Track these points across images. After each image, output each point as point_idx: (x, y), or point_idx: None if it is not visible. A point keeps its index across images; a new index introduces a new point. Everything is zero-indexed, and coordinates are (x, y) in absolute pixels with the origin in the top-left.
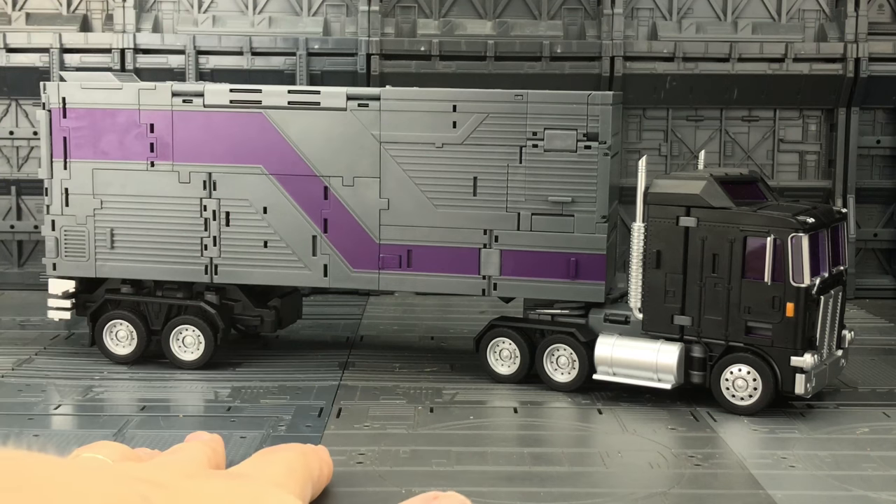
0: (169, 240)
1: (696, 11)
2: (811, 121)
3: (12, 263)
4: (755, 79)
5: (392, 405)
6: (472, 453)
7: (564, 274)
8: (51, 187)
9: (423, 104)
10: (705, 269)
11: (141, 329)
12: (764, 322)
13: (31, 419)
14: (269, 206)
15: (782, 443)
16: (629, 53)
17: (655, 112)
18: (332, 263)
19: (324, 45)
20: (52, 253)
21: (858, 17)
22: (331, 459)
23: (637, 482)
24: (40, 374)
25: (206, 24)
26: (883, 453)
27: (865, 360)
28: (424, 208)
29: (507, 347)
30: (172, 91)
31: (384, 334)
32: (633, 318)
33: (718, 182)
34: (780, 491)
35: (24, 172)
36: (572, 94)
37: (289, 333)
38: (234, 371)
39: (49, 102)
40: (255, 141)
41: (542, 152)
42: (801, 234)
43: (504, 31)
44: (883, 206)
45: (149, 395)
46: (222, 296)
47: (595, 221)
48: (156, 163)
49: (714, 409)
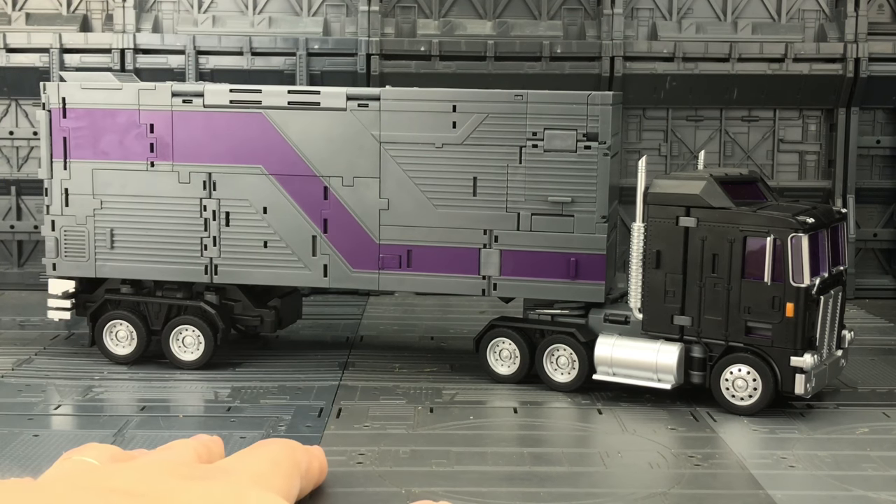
0: (169, 240)
1: (695, 11)
2: (811, 121)
3: (12, 263)
4: (755, 79)
5: (392, 405)
6: (472, 453)
7: (564, 274)
8: (50, 187)
9: (422, 104)
10: (705, 269)
11: (141, 329)
12: (764, 322)
13: (31, 419)
14: (268, 206)
15: (782, 443)
16: (629, 53)
17: (655, 112)
18: (332, 263)
19: (324, 46)
20: (51, 253)
21: (858, 17)
22: (325, 458)
23: (637, 482)
24: (40, 374)
25: (205, 24)
26: (883, 453)
27: (865, 360)
28: (424, 208)
29: (506, 347)
30: (172, 91)
31: (384, 334)
32: (632, 318)
33: (718, 182)
34: (780, 491)
35: (23, 172)
36: (572, 94)
37: (289, 333)
38: (234, 371)
39: (49, 102)
40: (255, 141)
41: (541, 152)
42: (800, 235)
43: (504, 31)
44: (883, 207)
45: (149, 396)
46: (222, 296)
47: (595, 221)
48: (156, 163)
49: (714, 410)
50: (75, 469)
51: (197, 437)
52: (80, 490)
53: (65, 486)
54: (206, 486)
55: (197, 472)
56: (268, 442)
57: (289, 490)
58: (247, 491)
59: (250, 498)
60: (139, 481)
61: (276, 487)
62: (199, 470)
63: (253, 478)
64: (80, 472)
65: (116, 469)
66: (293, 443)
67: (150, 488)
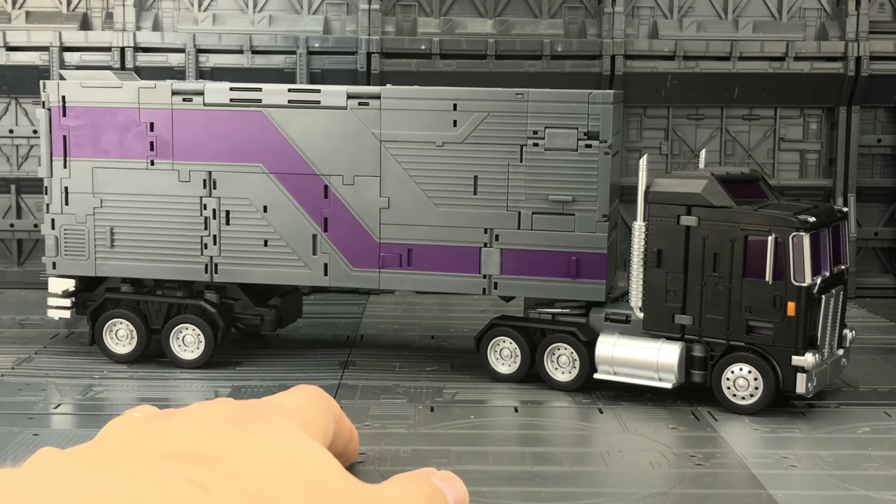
0: (169, 239)
1: (696, 10)
2: (812, 119)
3: (12, 262)
4: (756, 77)
5: (392, 404)
6: (472, 453)
7: (565, 273)
8: (50, 186)
9: (423, 103)
10: (706, 268)
11: (141, 328)
12: (765, 321)
13: (31, 418)
14: (269, 204)
15: (783, 442)
16: (630, 52)
17: (656, 111)
18: (333, 262)
19: (324, 44)
20: (51, 252)
21: (859, 15)
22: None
23: (638, 482)
24: (40, 372)
25: (206, 22)
26: (884, 453)
27: (866, 359)
28: (425, 207)
29: (507, 346)
30: (172, 90)
31: (384, 333)
32: (633, 317)
33: (719, 181)
34: (782, 490)
35: (23, 171)
36: (573, 92)
37: (289, 332)
38: (235, 370)
39: (49, 101)
40: (256, 140)
41: (542, 151)
42: (802, 234)
43: (504, 29)
44: (884, 205)
45: (149, 395)
46: (222, 295)
47: (596, 220)
48: (156, 161)
49: (715, 409)
50: (125, 432)
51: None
52: (135, 463)
53: (118, 453)
54: (259, 439)
55: (244, 412)
56: (302, 386)
57: (325, 426)
58: (297, 444)
59: (300, 451)
60: (193, 441)
61: (313, 420)
62: (246, 410)
63: (293, 410)
64: (130, 435)
65: (167, 429)
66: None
67: (206, 447)
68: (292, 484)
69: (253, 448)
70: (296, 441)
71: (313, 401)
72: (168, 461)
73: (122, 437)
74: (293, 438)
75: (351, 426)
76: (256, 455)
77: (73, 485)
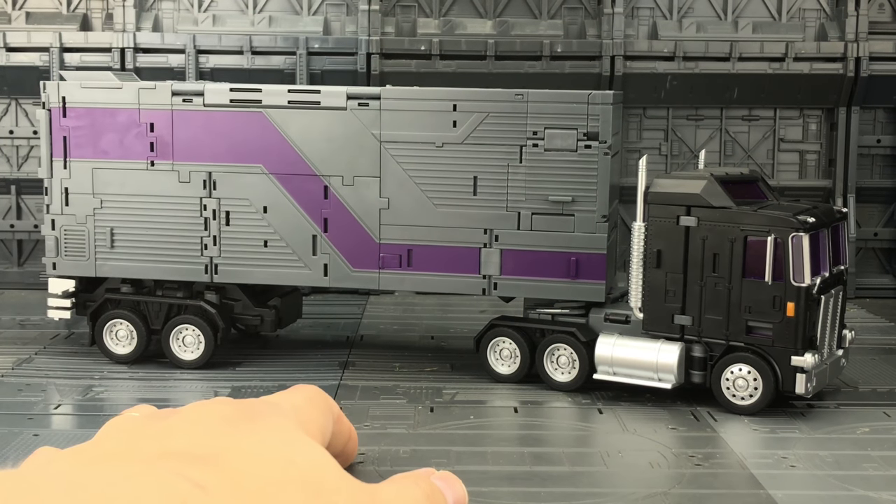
0: (169, 239)
1: (696, 11)
2: (811, 120)
3: (12, 263)
4: (755, 78)
5: (392, 405)
6: (472, 453)
7: (565, 273)
8: (50, 186)
9: (423, 103)
10: (706, 268)
11: (141, 328)
12: (764, 322)
13: (31, 419)
14: (269, 205)
15: (783, 442)
16: (629, 53)
17: (656, 111)
18: (332, 263)
19: (324, 45)
20: (51, 252)
21: (859, 16)
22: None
23: (638, 482)
24: (40, 373)
25: (206, 23)
26: (884, 453)
27: (866, 359)
28: (424, 208)
29: (507, 347)
30: (172, 90)
31: (384, 334)
32: (633, 317)
33: (719, 181)
34: (781, 491)
35: (23, 172)
36: (573, 93)
37: (289, 333)
38: (234, 370)
39: (49, 102)
40: (256, 140)
41: (542, 152)
42: (801, 234)
43: (504, 30)
44: (883, 206)
45: (149, 395)
46: (222, 295)
47: (595, 221)
48: (156, 162)
49: (714, 409)
50: (123, 432)
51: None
52: (133, 463)
53: (116, 452)
54: (257, 439)
55: (243, 412)
56: (301, 386)
57: (323, 426)
58: (295, 443)
59: (298, 450)
60: (191, 440)
61: (312, 419)
62: (244, 409)
63: (291, 409)
64: (128, 435)
65: (165, 428)
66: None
67: (204, 447)
68: (290, 483)
69: (251, 447)
70: (294, 440)
71: (312, 400)
72: (166, 461)
73: (120, 437)
74: (291, 438)
75: (350, 426)
76: (254, 454)
77: (71, 484)
